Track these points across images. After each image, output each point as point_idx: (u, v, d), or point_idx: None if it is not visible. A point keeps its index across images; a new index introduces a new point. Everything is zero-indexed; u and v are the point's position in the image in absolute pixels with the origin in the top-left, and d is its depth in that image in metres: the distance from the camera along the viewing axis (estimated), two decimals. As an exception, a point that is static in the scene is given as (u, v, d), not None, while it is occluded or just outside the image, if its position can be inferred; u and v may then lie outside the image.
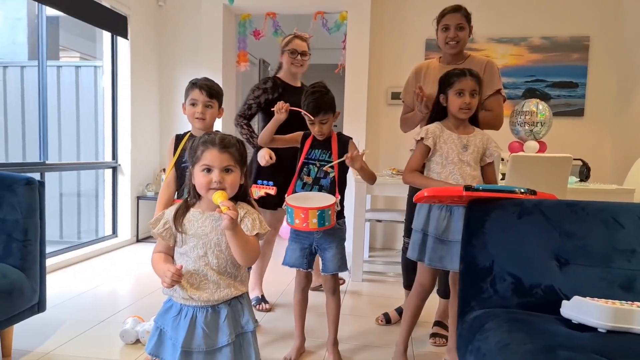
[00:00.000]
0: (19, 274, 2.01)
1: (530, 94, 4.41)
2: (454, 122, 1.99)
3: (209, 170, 1.28)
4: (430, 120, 2.07)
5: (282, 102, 2.08)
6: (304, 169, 2.09)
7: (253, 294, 2.90)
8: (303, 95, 2.07)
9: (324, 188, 2.06)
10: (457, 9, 2.34)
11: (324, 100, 2.02)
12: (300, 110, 2.04)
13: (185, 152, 2.00)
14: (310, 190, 2.05)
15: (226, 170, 1.28)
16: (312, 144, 2.11)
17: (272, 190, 2.17)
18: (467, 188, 1.56)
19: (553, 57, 4.41)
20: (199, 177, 1.29)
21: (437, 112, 2.04)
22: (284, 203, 1.95)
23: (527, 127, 3.69)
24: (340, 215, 2.05)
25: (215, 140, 1.30)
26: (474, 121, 2.04)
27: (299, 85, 2.87)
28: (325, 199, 1.94)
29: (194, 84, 2.00)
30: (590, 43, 4.36)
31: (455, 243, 1.89)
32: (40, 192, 2.13)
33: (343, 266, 2.09)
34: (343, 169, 2.08)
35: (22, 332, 2.27)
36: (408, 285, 2.65)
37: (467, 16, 2.35)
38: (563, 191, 3.04)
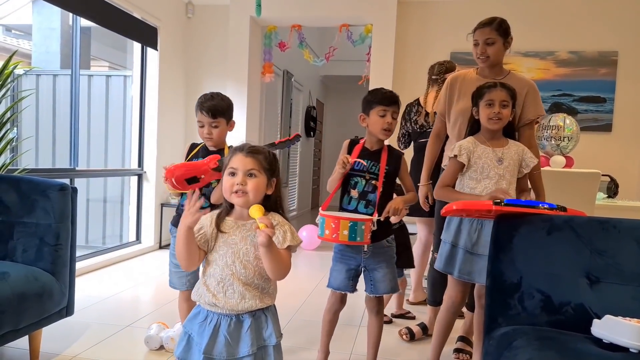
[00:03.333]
0: (49, 278, 2.06)
1: (557, 108, 4.36)
2: (487, 135, 1.97)
3: (233, 173, 1.31)
4: (465, 135, 2.05)
5: (344, 156, 1.94)
6: (351, 181, 1.96)
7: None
8: (369, 94, 2.01)
9: (372, 204, 1.93)
10: (487, 23, 2.22)
11: (397, 95, 1.98)
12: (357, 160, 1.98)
13: (195, 159, 2.05)
14: (357, 206, 1.94)
15: (250, 174, 1.30)
16: (361, 153, 1.98)
17: None
18: (497, 202, 1.55)
19: (580, 72, 4.36)
20: (224, 181, 1.32)
21: (472, 126, 2.03)
22: (318, 215, 1.88)
23: (553, 142, 3.65)
24: (388, 232, 1.99)
25: (245, 147, 1.34)
26: (510, 134, 2.02)
27: None
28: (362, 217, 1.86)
29: (197, 106, 2.02)
30: (618, 58, 4.31)
31: (485, 257, 1.84)
32: (73, 198, 2.18)
33: (396, 287, 2.00)
34: (389, 185, 1.98)
35: (49, 335, 2.30)
36: (433, 302, 2.58)
37: (500, 29, 2.20)
38: (591, 207, 2.98)
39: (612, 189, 3.65)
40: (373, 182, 1.94)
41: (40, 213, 2.10)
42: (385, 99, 1.94)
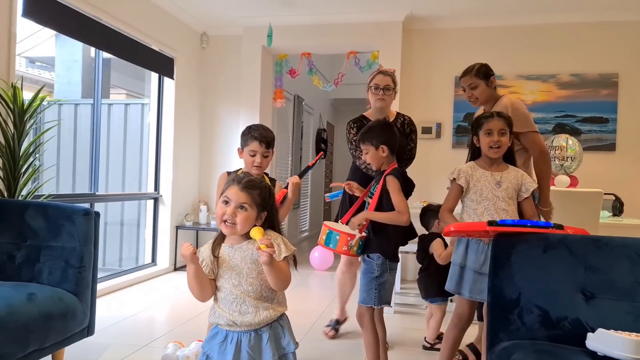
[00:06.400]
0: (73, 299, 2.16)
1: (560, 128, 4.44)
2: (487, 161, 2.11)
3: (227, 202, 1.42)
4: (468, 160, 2.21)
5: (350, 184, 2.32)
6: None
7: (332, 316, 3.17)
8: None
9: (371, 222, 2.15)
10: (468, 70, 2.49)
11: (368, 129, 2.18)
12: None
13: None
14: None
15: (241, 207, 1.41)
16: (375, 177, 2.25)
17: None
18: (491, 223, 1.65)
19: (582, 94, 4.46)
20: (217, 207, 1.44)
21: (473, 152, 2.19)
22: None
23: (557, 162, 3.73)
24: (368, 249, 2.11)
25: (242, 180, 1.44)
26: (510, 160, 2.15)
27: (390, 119, 2.86)
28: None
29: (254, 137, 2.14)
30: (619, 80, 4.40)
31: None
32: (96, 222, 2.31)
33: (368, 299, 2.10)
34: (384, 204, 2.10)
35: (70, 354, 2.40)
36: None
37: (479, 74, 2.43)
38: (595, 226, 3.04)
39: (617, 208, 3.70)
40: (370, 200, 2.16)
41: (66, 237, 2.23)
42: (360, 138, 2.20)
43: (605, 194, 3.28)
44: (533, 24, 4.57)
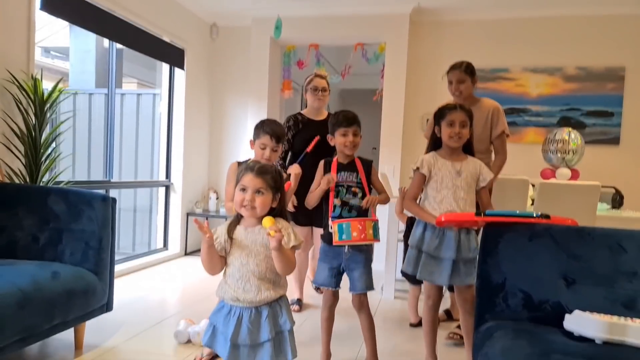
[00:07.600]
0: (93, 277, 2.34)
1: (565, 122, 4.50)
2: (447, 151, 2.21)
3: (244, 190, 1.56)
4: (427, 151, 2.30)
5: (331, 176, 2.17)
6: (334, 191, 2.21)
7: (292, 296, 3.30)
8: (332, 117, 2.29)
9: (354, 209, 2.17)
10: (458, 65, 2.81)
11: (355, 115, 2.25)
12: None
13: None
14: (341, 212, 2.17)
15: (258, 191, 1.55)
16: (337, 168, 2.23)
17: None
18: (478, 214, 1.77)
19: (588, 87, 4.50)
20: (236, 195, 1.59)
21: (434, 143, 2.27)
22: (330, 226, 2.12)
23: (559, 155, 3.81)
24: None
25: (255, 167, 1.59)
26: (469, 151, 2.25)
27: (323, 117, 3.20)
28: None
29: (266, 131, 2.29)
30: (625, 73, 4.43)
31: (445, 260, 2.10)
32: (113, 207, 2.46)
33: (370, 286, 2.20)
34: (369, 190, 2.23)
35: (91, 328, 2.57)
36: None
37: (467, 70, 2.77)
38: (592, 218, 3.13)
39: (617, 200, 3.78)
40: (352, 189, 2.19)
41: (86, 220, 2.39)
42: (345, 120, 2.21)
43: (605, 186, 3.35)
44: (539, 16, 4.60)
